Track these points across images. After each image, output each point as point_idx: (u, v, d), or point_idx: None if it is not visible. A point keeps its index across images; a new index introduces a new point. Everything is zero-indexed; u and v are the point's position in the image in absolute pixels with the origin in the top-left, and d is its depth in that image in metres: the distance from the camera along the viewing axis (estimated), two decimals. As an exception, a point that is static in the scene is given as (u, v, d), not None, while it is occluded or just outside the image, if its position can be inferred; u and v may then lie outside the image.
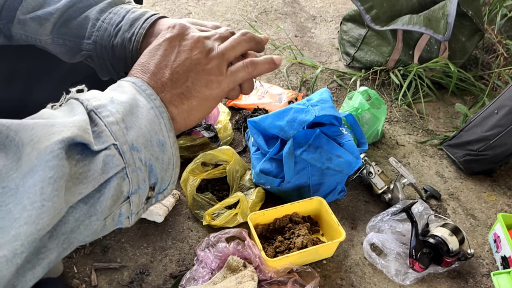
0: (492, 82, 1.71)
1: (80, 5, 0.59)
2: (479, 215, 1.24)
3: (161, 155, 0.42)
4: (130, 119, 0.40)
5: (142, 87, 0.44)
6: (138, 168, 0.39)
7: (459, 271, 1.08)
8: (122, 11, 0.59)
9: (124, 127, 0.39)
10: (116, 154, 0.37)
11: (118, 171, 0.38)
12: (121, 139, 0.38)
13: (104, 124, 0.38)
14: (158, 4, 2.07)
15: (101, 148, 0.36)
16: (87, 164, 0.35)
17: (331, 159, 1.08)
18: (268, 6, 2.16)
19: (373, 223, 1.12)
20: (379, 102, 1.38)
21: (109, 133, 0.38)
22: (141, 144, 0.40)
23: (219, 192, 1.17)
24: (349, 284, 1.02)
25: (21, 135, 0.33)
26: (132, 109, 0.40)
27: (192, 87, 0.46)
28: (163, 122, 0.43)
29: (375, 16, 1.65)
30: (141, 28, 0.56)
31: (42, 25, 0.60)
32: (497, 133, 1.25)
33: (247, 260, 0.96)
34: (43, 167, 0.32)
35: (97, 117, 0.38)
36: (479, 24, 1.62)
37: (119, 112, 0.39)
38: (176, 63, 0.47)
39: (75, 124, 0.35)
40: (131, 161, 0.39)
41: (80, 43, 0.59)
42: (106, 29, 0.58)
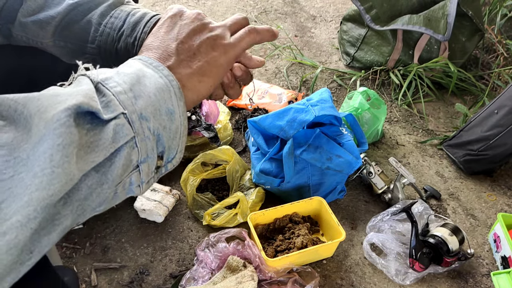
0: (492, 82, 1.71)
1: (81, 8, 0.60)
2: (479, 215, 1.24)
3: (169, 124, 0.43)
4: (137, 88, 0.40)
5: (148, 61, 0.44)
6: (146, 137, 0.40)
7: (459, 271, 1.08)
8: (122, 15, 0.60)
9: (132, 96, 0.39)
10: (125, 123, 0.38)
11: (127, 140, 0.38)
12: (129, 108, 0.39)
13: (112, 94, 0.38)
14: (158, 4, 2.07)
15: (111, 117, 0.37)
16: (98, 133, 0.36)
17: (331, 159, 1.08)
18: (268, 6, 2.16)
19: (373, 223, 1.12)
20: (379, 102, 1.38)
21: (117, 102, 0.38)
22: (150, 113, 0.40)
23: (219, 192, 1.17)
24: (349, 284, 1.02)
25: (29, 107, 0.34)
26: (139, 79, 0.41)
27: (198, 52, 0.48)
28: (173, 91, 0.43)
29: (375, 16, 1.64)
30: (143, 33, 0.58)
31: (43, 29, 0.61)
32: (497, 133, 1.25)
33: (247, 260, 0.96)
34: (51, 135, 0.33)
35: (104, 87, 0.39)
36: (479, 24, 1.62)
37: (125, 82, 0.40)
38: (180, 33, 0.49)
39: (79, 93, 0.36)
40: (140, 130, 0.39)
41: (84, 47, 0.61)
42: (109, 34, 0.59)
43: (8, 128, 0.33)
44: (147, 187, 0.44)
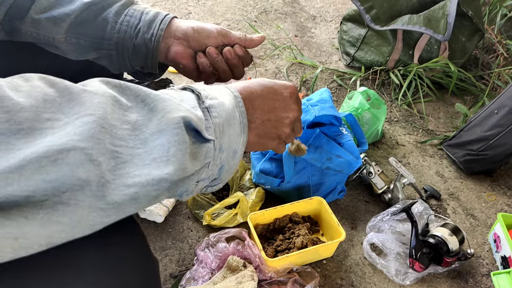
0: (492, 82, 1.71)
1: (95, 7, 0.65)
2: (479, 215, 1.24)
3: (232, 160, 0.51)
4: (227, 125, 0.48)
5: (239, 103, 0.52)
6: (216, 164, 0.48)
7: (459, 271, 1.08)
8: (137, 14, 0.66)
9: (221, 131, 0.47)
10: (212, 149, 0.46)
11: (208, 161, 0.46)
12: (218, 139, 0.47)
13: (213, 123, 0.46)
14: (158, 4, 2.07)
15: (209, 139, 0.45)
16: (198, 147, 0.44)
17: (331, 159, 1.08)
18: (268, 6, 2.16)
19: (373, 223, 1.12)
20: (379, 102, 1.38)
21: (213, 130, 0.46)
22: (226, 148, 0.48)
23: (219, 192, 1.17)
24: (349, 284, 1.02)
25: (157, 103, 0.41)
26: (230, 119, 0.49)
27: (267, 135, 0.58)
28: (243, 138, 0.52)
29: (375, 16, 1.64)
30: (159, 30, 0.66)
31: (57, 25, 0.64)
32: (497, 133, 1.25)
33: (247, 260, 0.96)
34: (170, 131, 0.40)
35: (209, 114, 0.46)
36: (479, 24, 1.62)
37: (222, 116, 0.48)
38: (275, 116, 0.58)
39: (194, 112, 0.44)
40: (217, 157, 0.47)
41: (100, 43, 0.66)
42: (126, 32, 0.66)
43: (135, 110, 0.41)
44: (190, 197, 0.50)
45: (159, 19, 0.66)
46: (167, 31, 0.67)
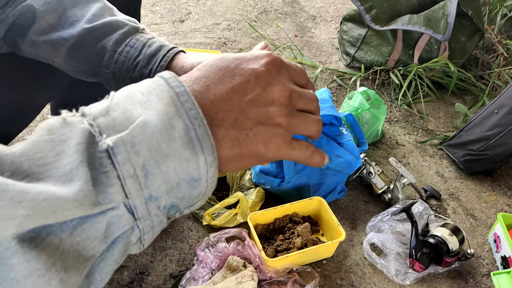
0: (492, 82, 1.71)
1: (96, 33, 0.60)
2: (479, 215, 1.24)
3: (189, 193, 0.33)
4: (154, 162, 0.30)
5: (186, 104, 0.32)
6: (153, 216, 0.31)
7: (459, 271, 1.08)
8: (138, 45, 0.59)
9: (143, 176, 0.29)
10: (124, 213, 0.29)
11: (125, 230, 0.30)
12: (135, 193, 0.29)
13: (117, 176, 0.29)
14: (158, 4, 2.07)
15: (105, 209, 0.28)
16: (87, 229, 0.28)
17: (331, 159, 1.08)
18: (268, 6, 2.16)
19: (373, 223, 1.12)
20: (379, 102, 1.38)
21: (121, 189, 0.29)
22: (163, 192, 0.31)
23: (219, 192, 1.17)
24: (349, 284, 1.02)
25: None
26: (161, 145, 0.30)
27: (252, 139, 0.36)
28: (203, 159, 0.32)
29: (375, 16, 1.64)
30: (159, 67, 0.57)
31: (55, 49, 0.61)
32: (497, 133, 1.25)
33: (247, 260, 0.96)
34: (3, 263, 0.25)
35: (109, 162, 0.28)
36: (479, 24, 1.62)
37: (140, 153, 0.29)
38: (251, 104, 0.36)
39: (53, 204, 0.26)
40: (145, 213, 0.31)
41: (97, 69, 0.61)
42: (124, 63, 0.59)
43: None
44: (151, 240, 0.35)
45: (161, 54, 0.58)
46: (168, 67, 0.58)
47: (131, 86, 0.33)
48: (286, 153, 0.38)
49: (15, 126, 0.84)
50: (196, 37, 1.86)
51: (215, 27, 1.95)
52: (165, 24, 1.92)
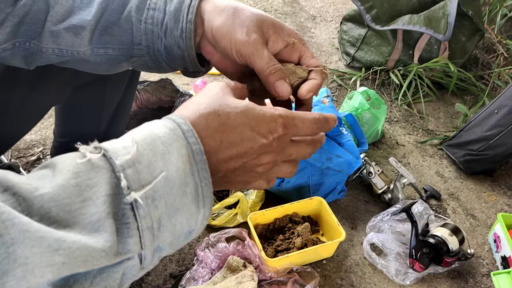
0: (492, 82, 1.71)
1: (114, 5, 0.53)
2: (479, 215, 1.24)
3: (183, 243, 0.36)
4: (168, 215, 0.33)
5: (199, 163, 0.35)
6: (152, 265, 0.34)
7: (459, 271, 1.08)
8: (160, 4, 0.52)
9: (157, 228, 0.32)
10: (137, 264, 0.32)
11: (131, 278, 0.33)
12: (148, 245, 0.32)
13: (137, 227, 0.31)
14: (158, 4, 2.07)
15: (123, 259, 0.30)
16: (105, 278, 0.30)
17: (331, 159, 1.08)
18: (268, 6, 2.16)
19: (373, 223, 1.12)
20: (379, 102, 1.38)
21: (138, 239, 0.31)
22: (167, 244, 0.34)
23: (219, 192, 1.17)
24: (349, 284, 1.02)
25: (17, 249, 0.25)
26: (175, 200, 0.33)
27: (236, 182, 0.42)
28: (203, 213, 0.36)
29: (376, 16, 1.64)
30: (188, 22, 0.50)
31: (78, 35, 0.54)
32: (497, 133, 1.25)
33: (247, 260, 0.96)
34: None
35: (132, 214, 0.30)
36: (479, 24, 1.62)
37: (158, 208, 0.32)
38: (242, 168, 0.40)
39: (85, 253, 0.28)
40: (149, 263, 0.33)
41: (129, 50, 0.54)
42: (153, 31, 0.52)
43: None
44: None
45: (186, 4, 0.50)
46: (196, 22, 0.50)
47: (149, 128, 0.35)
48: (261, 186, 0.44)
49: (19, 129, 0.84)
50: (196, 37, 1.86)
51: (215, 27, 1.95)
52: (165, 24, 1.92)
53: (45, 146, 1.25)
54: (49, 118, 1.33)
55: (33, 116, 0.84)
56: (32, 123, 0.86)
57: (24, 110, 0.78)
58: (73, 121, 1.01)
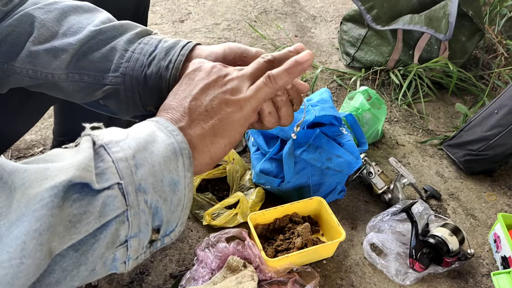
0: (492, 82, 1.71)
1: (103, 36, 0.53)
2: (479, 215, 1.24)
3: (171, 196, 0.38)
4: (142, 155, 0.37)
5: (164, 124, 0.41)
6: (141, 211, 0.36)
7: (459, 271, 1.08)
8: (153, 41, 0.54)
9: (133, 164, 0.36)
10: (118, 195, 0.34)
11: (118, 214, 0.34)
12: (127, 178, 0.35)
13: (112, 160, 0.35)
14: (158, 4, 2.07)
15: (103, 187, 0.34)
16: (84, 204, 0.32)
17: (331, 159, 1.08)
18: (268, 6, 2.16)
19: (373, 223, 1.12)
20: (379, 102, 1.38)
21: (115, 170, 0.35)
22: (150, 184, 0.36)
23: (219, 192, 1.17)
24: (349, 284, 1.02)
25: (14, 178, 0.30)
26: (147, 144, 0.37)
27: (211, 108, 0.43)
28: (182, 161, 0.39)
29: (376, 16, 1.64)
30: (180, 55, 0.51)
31: (57, 58, 0.53)
32: (497, 133, 1.25)
33: (247, 260, 0.96)
34: (30, 217, 0.29)
35: (105, 152, 0.35)
36: (479, 24, 1.62)
37: (130, 147, 0.36)
38: (195, 90, 0.45)
39: (73, 165, 0.33)
40: (135, 203, 0.35)
41: (104, 77, 0.53)
42: (138, 59, 0.52)
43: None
44: (135, 263, 0.39)
45: (181, 45, 0.53)
46: (189, 56, 0.52)
47: None
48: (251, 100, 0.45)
49: (18, 129, 0.84)
50: (196, 37, 1.86)
51: (215, 27, 1.95)
52: (165, 24, 1.92)
53: (45, 146, 1.25)
54: (49, 118, 1.33)
55: (32, 115, 0.84)
56: (32, 122, 0.86)
57: (24, 108, 0.78)
58: (72, 120, 1.01)
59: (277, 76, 0.44)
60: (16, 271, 0.29)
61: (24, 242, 0.29)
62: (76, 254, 0.33)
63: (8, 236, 0.29)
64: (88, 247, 0.33)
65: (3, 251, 0.28)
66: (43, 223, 0.30)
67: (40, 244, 0.30)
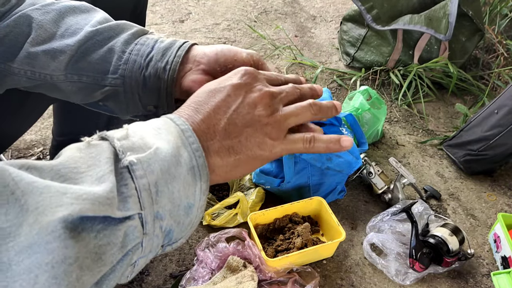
0: (492, 82, 1.71)
1: (100, 37, 0.54)
2: (479, 215, 1.24)
3: (184, 218, 0.38)
4: (164, 181, 0.35)
5: (189, 139, 0.38)
6: (155, 236, 0.35)
7: (459, 271, 1.08)
8: (150, 42, 0.54)
9: (155, 192, 0.34)
10: (138, 226, 0.33)
11: (136, 243, 0.34)
12: (148, 208, 0.34)
13: (135, 187, 0.33)
14: (158, 4, 2.07)
15: (125, 216, 0.32)
16: (108, 235, 0.31)
17: (331, 159, 1.08)
18: (268, 6, 2.16)
19: (373, 223, 1.12)
20: (379, 102, 1.38)
21: (137, 199, 0.33)
22: (167, 211, 0.35)
23: (219, 192, 1.17)
24: (349, 284, 1.02)
25: (27, 199, 0.28)
26: (170, 168, 0.36)
27: (245, 143, 0.42)
28: (199, 186, 0.38)
29: (376, 16, 1.65)
30: (176, 56, 0.52)
31: (55, 59, 0.53)
32: (497, 133, 1.25)
33: (247, 260, 0.96)
34: (42, 248, 0.28)
35: (129, 176, 0.33)
36: (479, 24, 1.62)
37: (154, 172, 0.34)
38: (236, 113, 0.42)
39: (93, 197, 0.31)
40: (151, 230, 0.35)
41: (103, 78, 0.53)
42: (136, 61, 0.53)
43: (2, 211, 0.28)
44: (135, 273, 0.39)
45: (177, 45, 0.53)
46: (186, 57, 0.53)
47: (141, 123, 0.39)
48: (283, 149, 0.44)
49: (17, 128, 0.84)
50: (196, 37, 1.86)
51: (215, 27, 1.95)
52: (165, 24, 1.92)
53: (45, 146, 1.25)
54: (49, 118, 1.33)
55: (32, 115, 0.84)
56: (31, 122, 0.86)
57: (23, 108, 0.77)
58: (71, 120, 1.01)
59: (317, 141, 0.45)
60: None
61: (37, 276, 0.28)
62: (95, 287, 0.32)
63: (19, 264, 0.27)
64: (105, 278, 0.33)
65: (16, 283, 0.27)
66: (56, 255, 0.28)
67: (54, 278, 0.28)
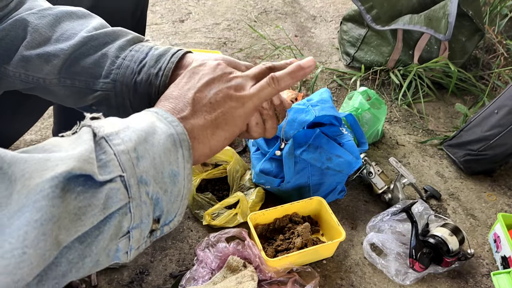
0: (492, 82, 1.71)
1: (95, 43, 0.54)
2: (479, 215, 1.24)
3: (171, 187, 0.39)
4: (143, 147, 0.37)
5: (163, 115, 0.41)
6: (143, 202, 0.37)
7: (459, 271, 1.08)
8: (144, 49, 0.55)
9: (135, 157, 0.36)
10: (121, 188, 0.35)
11: (121, 206, 0.35)
12: (129, 170, 0.36)
13: (114, 153, 0.35)
14: (158, 4, 2.07)
15: (106, 179, 0.34)
16: (88, 197, 0.33)
17: (331, 159, 1.08)
18: (268, 6, 2.16)
19: (373, 223, 1.12)
20: (379, 102, 1.38)
21: (117, 162, 0.35)
22: (151, 176, 0.37)
23: (219, 192, 1.17)
24: (349, 284, 1.02)
25: (14, 169, 0.30)
26: (148, 136, 0.38)
27: (215, 101, 0.45)
28: (181, 152, 0.40)
29: (376, 16, 1.65)
30: (170, 63, 0.53)
31: (49, 62, 0.54)
32: (497, 133, 1.25)
33: (247, 260, 0.96)
34: (31, 208, 0.30)
35: (106, 144, 0.36)
36: (479, 24, 1.62)
37: (131, 140, 0.37)
38: (200, 82, 0.46)
39: (74, 156, 0.33)
40: (137, 195, 0.36)
41: (95, 83, 0.54)
42: (128, 67, 0.53)
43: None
44: (137, 253, 0.40)
45: (171, 52, 0.54)
46: (179, 64, 0.53)
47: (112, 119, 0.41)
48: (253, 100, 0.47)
49: (17, 129, 0.84)
50: (196, 37, 1.86)
51: (215, 27, 1.95)
52: (165, 24, 1.92)
53: (45, 146, 1.25)
54: (49, 118, 1.33)
55: (32, 115, 0.84)
56: (31, 122, 0.86)
57: (23, 109, 0.78)
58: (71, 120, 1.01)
59: (280, 78, 0.48)
60: (18, 261, 0.29)
61: (26, 232, 0.29)
62: (81, 246, 0.34)
63: (9, 226, 0.29)
64: (92, 239, 0.34)
65: (5, 241, 0.29)
66: (44, 213, 0.30)
67: (43, 234, 0.30)
